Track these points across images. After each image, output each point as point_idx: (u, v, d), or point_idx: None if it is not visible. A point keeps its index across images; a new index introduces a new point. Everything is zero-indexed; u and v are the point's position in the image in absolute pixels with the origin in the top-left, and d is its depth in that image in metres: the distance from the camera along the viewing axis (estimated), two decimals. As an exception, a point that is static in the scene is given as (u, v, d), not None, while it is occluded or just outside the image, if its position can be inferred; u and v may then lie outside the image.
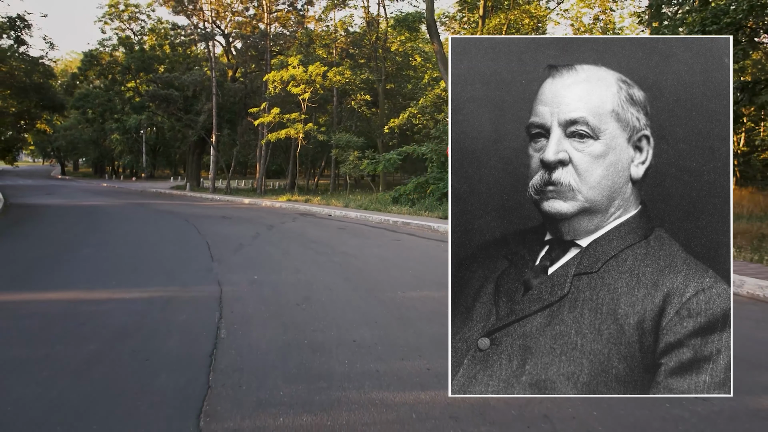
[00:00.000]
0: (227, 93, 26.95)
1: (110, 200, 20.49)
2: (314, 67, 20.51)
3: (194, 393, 2.76)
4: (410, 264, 6.59)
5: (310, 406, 2.60)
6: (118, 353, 3.41)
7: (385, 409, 2.60)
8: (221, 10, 26.61)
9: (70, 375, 3.04)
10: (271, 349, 3.45)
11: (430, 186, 14.64)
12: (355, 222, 12.21)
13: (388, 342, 3.55)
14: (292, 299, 4.75)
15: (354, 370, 3.06)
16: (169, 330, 3.85)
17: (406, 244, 8.37)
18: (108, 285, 5.47)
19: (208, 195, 25.29)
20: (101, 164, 60.32)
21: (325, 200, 18.54)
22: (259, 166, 25.75)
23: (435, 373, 3.03)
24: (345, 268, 6.32)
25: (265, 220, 12.61)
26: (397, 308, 4.42)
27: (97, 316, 4.28)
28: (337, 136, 20.49)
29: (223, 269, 6.20)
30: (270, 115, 20.90)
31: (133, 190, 30.07)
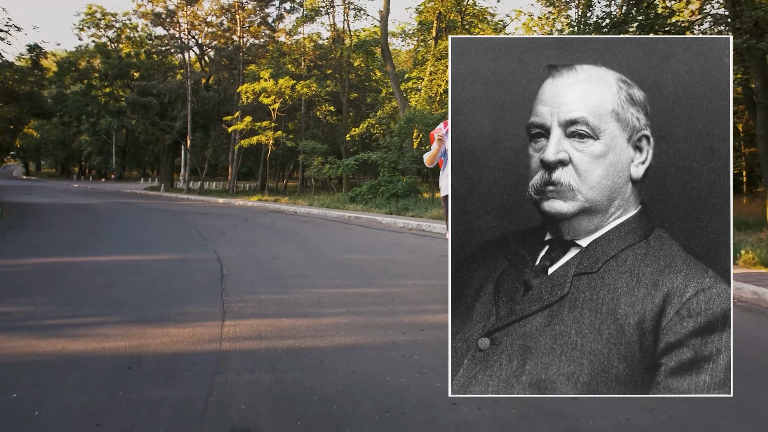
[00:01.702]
0: (201, 100, 28.81)
1: (94, 200, 21.90)
2: (284, 80, 22.92)
3: (216, 291, 5.07)
4: (350, 242, 9.23)
5: (275, 294, 5.00)
6: (167, 280, 5.60)
7: (310, 294, 5.03)
8: (197, 22, 28.55)
9: (147, 286, 5.27)
10: (255, 278, 5.75)
11: (381, 187, 17.49)
12: (317, 217, 14.64)
13: (323, 276, 6.00)
14: (266, 258, 7.13)
15: (300, 285, 5.42)
16: (192, 271, 6.13)
17: (353, 232, 10.80)
18: (139, 253, 7.62)
19: (183, 195, 27.13)
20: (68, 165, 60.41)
21: (293, 200, 20.84)
22: (231, 168, 27.96)
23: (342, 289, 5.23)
24: (304, 244, 8.85)
25: (240, 215, 14.80)
26: (333, 263, 6.99)
27: (143, 266, 6.43)
28: (303, 142, 22.75)
29: (215, 245, 8.27)
30: (243, 123, 23.32)
31: (107, 191, 31.43)
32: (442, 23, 22.56)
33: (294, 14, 28.49)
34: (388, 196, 16.92)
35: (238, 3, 27.46)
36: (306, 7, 26.29)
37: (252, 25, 28.39)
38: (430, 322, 3.99)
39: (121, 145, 49.87)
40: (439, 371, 2.91)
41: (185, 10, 27.79)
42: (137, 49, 35.68)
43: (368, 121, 24.47)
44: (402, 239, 9.62)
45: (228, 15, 28.40)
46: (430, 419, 2.28)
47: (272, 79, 23.06)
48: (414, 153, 18.66)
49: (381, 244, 9.00)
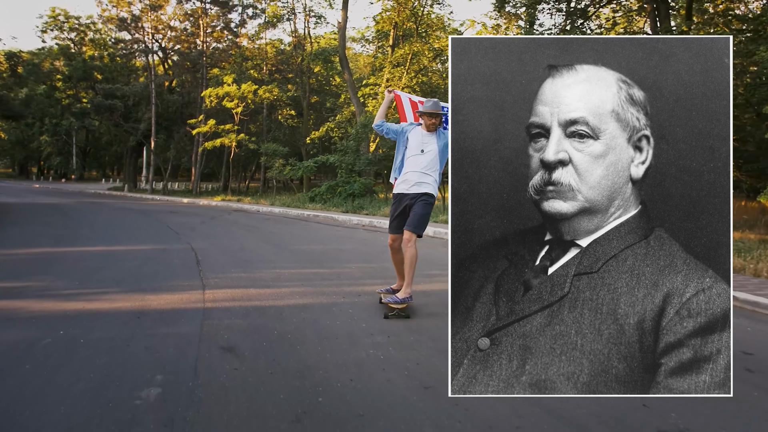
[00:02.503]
0: (165, 103, 29.74)
1: (62, 199, 22.76)
2: (246, 85, 24.01)
3: (194, 271, 6.01)
4: (308, 236, 10.40)
5: (244, 273, 5.91)
6: (152, 264, 6.50)
7: (272, 273, 5.98)
8: (160, 27, 29.59)
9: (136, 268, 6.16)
10: (225, 262, 6.75)
11: (338, 188, 18.68)
12: (278, 215, 15.81)
13: (283, 261, 7.15)
14: (234, 248, 8.10)
15: (264, 267, 6.41)
16: (171, 258, 7.03)
17: (311, 228, 11.97)
18: (121, 245, 8.51)
19: (148, 195, 27.99)
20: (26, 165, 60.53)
21: (255, 200, 21.96)
22: (194, 170, 29.13)
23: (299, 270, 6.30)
24: (267, 238, 9.89)
25: (206, 214, 15.89)
26: (292, 252, 8.15)
27: (127, 254, 7.39)
28: (265, 145, 23.69)
29: (188, 238, 9.21)
30: (206, 126, 24.32)
31: (71, 191, 31.98)
32: (399, 31, 23.76)
33: (256, 20, 29.58)
34: (345, 196, 18.01)
35: (201, 9, 28.77)
36: (268, 15, 27.39)
37: (215, 30, 29.66)
38: (366, 291, 5.06)
39: (82, 146, 50.60)
40: (366, 319, 4.11)
41: (149, 14, 28.83)
42: (101, 51, 36.54)
43: (327, 125, 25.75)
44: (354, 234, 10.74)
45: (191, 20, 29.59)
46: (353, 341, 3.58)
47: (235, 84, 24.22)
48: (369, 156, 19.66)
49: (335, 237, 10.06)
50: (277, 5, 26.64)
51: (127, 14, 28.86)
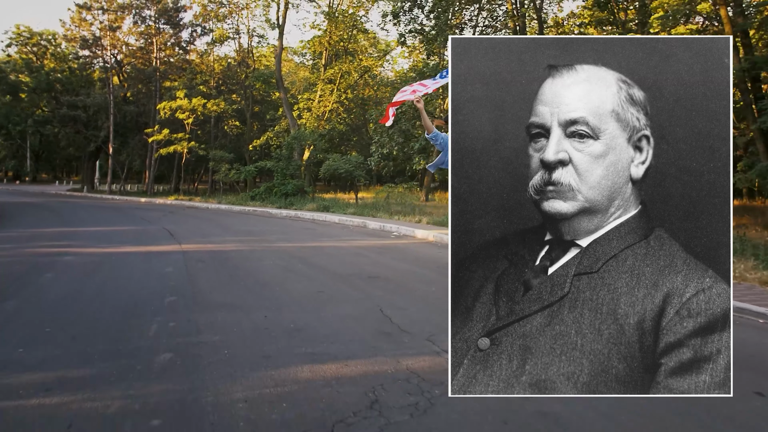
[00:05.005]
0: (122, 113, 33.77)
1: (32, 199, 25.41)
2: (197, 99, 27.93)
3: (171, 238, 10.20)
4: (246, 223, 14.14)
5: (202, 239, 10.22)
6: (140, 236, 10.47)
7: (221, 239, 10.28)
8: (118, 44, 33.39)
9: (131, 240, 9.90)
10: (189, 234, 10.86)
11: (275, 188, 22.72)
12: (224, 211, 19.86)
13: (228, 235, 10.98)
14: (194, 229, 12.15)
15: (216, 239, 10.31)
16: (152, 233, 11.11)
17: (249, 218, 16.16)
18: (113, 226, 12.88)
19: (108, 196, 31.18)
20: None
21: (204, 199, 25.94)
22: (148, 173, 33.14)
23: (239, 238, 10.58)
24: (217, 224, 13.93)
25: (165, 209, 19.68)
26: (234, 231, 11.91)
27: (122, 232, 11.46)
28: (213, 152, 27.73)
29: (159, 224, 13.26)
30: (161, 135, 27.94)
31: (33, 192, 34.60)
32: (332, 51, 27.23)
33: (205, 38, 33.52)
34: (280, 195, 22.02)
35: (155, 28, 32.48)
36: (215, 37, 31.55)
37: (167, 48, 33.50)
38: (279, 247, 9.15)
39: (35, 149, 52.55)
40: (277, 256, 7.99)
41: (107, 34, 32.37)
42: (62, 65, 39.70)
43: (267, 134, 29.99)
44: (282, 221, 14.97)
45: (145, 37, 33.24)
46: (260, 258, 7.66)
47: (187, 98, 27.95)
48: (298, 162, 24.05)
49: (266, 223, 14.20)
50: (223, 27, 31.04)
51: (89, 35, 32.86)
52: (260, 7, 36.37)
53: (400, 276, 6.47)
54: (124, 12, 32.15)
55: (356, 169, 20.81)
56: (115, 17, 32.01)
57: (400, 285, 5.91)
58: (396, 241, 10.52)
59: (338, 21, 26.04)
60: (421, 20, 21.21)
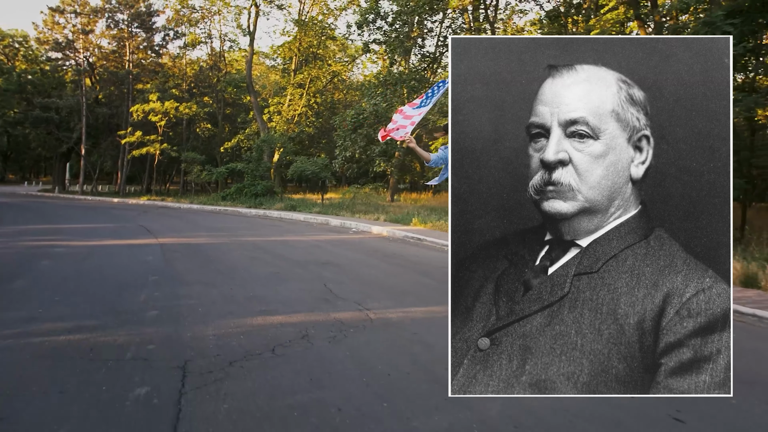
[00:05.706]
0: (95, 115, 33.97)
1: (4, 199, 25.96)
2: (169, 102, 28.38)
3: (149, 233, 11.41)
4: (218, 221, 15.40)
5: (176, 233, 11.49)
6: (121, 232, 11.90)
7: (194, 234, 11.51)
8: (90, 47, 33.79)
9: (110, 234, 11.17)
10: (165, 230, 11.96)
11: (245, 189, 23.74)
12: (197, 211, 20.98)
13: (200, 231, 12.19)
14: (167, 226, 13.30)
15: (189, 233, 11.67)
16: (131, 229, 12.30)
17: (220, 217, 17.48)
18: (94, 224, 13.70)
19: (80, 196, 31.51)
20: None
21: (177, 200, 26.63)
22: (121, 174, 33.68)
23: (211, 233, 11.81)
24: (188, 221, 15.01)
25: (138, 209, 20.81)
26: (206, 228, 13.13)
27: (103, 228, 12.55)
28: (185, 153, 28.22)
29: (135, 222, 14.14)
30: (134, 137, 28.39)
31: (4, 192, 35.03)
32: (302, 57, 27.80)
33: (177, 41, 34.58)
34: (251, 195, 23.19)
35: (128, 32, 33.06)
36: (188, 41, 32.00)
37: (140, 51, 34.13)
38: (248, 240, 10.40)
39: (3, 150, 52.74)
40: (243, 248, 9.13)
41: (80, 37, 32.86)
42: (33, 66, 39.78)
43: (238, 136, 30.40)
44: (250, 219, 16.28)
45: (118, 40, 33.82)
46: (231, 250, 8.87)
47: (159, 101, 28.37)
48: (268, 164, 24.83)
49: (236, 222, 15.17)
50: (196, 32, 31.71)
51: (62, 38, 33.20)
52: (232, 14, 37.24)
53: (349, 263, 7.72)
54: (97, 15, 32.69)
55: (322, 171, 21.61)
56: (88, 20, 32.60)
57: (346, 269, 7.13)
58: (353, 236, 11.85)
59: (308, 28, 26.48)
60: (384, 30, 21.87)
